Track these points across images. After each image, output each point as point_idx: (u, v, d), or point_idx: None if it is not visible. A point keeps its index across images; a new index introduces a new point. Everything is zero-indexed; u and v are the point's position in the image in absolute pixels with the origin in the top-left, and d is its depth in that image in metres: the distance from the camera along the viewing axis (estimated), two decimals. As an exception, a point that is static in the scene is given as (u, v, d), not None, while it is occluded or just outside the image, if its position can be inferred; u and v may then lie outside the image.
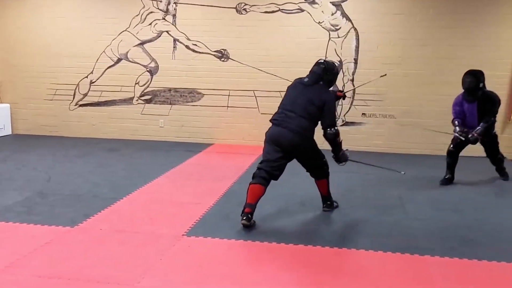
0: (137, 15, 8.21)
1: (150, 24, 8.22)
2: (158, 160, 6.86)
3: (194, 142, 8.27)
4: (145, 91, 8.41)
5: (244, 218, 4.11)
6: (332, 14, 7.77)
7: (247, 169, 6.38)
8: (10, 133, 8.70)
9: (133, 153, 7.30)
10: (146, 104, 8.44)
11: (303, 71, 7.76)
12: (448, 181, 5.86)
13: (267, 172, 4.22)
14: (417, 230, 4.24)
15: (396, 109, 7.82)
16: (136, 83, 8.40)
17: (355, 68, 7.84)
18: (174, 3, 8.11)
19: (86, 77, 8.50)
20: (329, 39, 7.82)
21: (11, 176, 5.70)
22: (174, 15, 8.15)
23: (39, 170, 6.02)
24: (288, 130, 4.22)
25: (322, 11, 7.78)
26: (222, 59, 8.13)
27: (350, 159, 4.65)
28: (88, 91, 8.55)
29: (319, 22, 7.81)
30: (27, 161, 6.53)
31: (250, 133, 8.12)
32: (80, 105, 8.61)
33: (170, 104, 8.38)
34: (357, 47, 7.79)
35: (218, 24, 8.04)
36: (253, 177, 4.28)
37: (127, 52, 8.34)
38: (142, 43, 8.28)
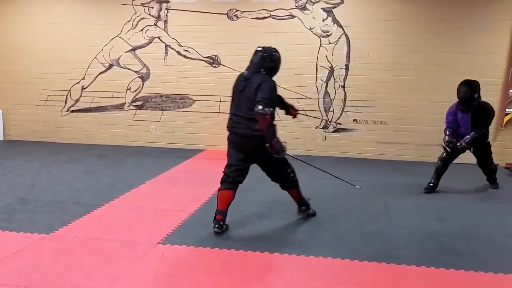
0: (128, 21, 8.22)
1: (142, 30, 8.22)
2: (147, 166, 6.83)
3: (185, 148, 8.24)
4: (136, 97, 8.40)
5: (216, 225, 4.07)
6: (323, 20, 7.75)
7: (234, 175, 6.33)
8: (2, 139, 8.70)
9: (122, 159, 7.27)
10: (138, 110, 8.43)
11: (294, 77, 7.84)
12: (431, 188, 5.76)
13: (232, 178, 4.16)
14: (398, 238, 4.18)
15: (388, 116, 7.76)
16: (127, 89, 8.39)
17: (346, 74, 7.81)
18: (166, 9, 8.11)
19: (78, 83, 8.50)
20: (320, 45, 7.80)
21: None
22: (165, 21, 8.15)
23: (25, 176, 6.00)
24: (239, 136, 4.10)
25: (313, 17, 7.76)
26: (214, 65, 8.11)
27: (303, 160, 4.54)
28: (79, 97, 8.55)
29: (310, 28, 7.78)
30: (14, 167, 6.51)
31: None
32: (72, 111, 8.61)
33: (162, 110, 8.37)
34: (348, 53, 7.75)
35: (209, 30, 8.03)
36: (221, 183, 4.22)
37: (119, 58, 8.34)
38: (134, 49, 8.28)
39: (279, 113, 7.84)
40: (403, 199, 5.46)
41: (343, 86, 7.84)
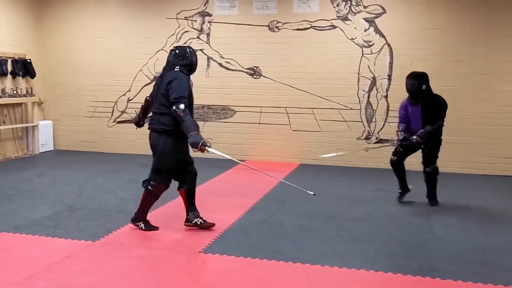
0: (172, 35, 8.43)
1: (185, 43, 8.40)
2: (188, 176, 6.92)
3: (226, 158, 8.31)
4: (179, 108, 8.56)
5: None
6: (365, 30, 7.69)
7: (274, 186, 6.34)
8: (52, 148, 9.06)
9: (165, 169, 7.41)
10: (180, 121, 8.58)
11: (336, 88, 7.81)
12: (401, 195, 5.60)
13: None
14: (442, 252, 4.07)
15: (432, 126, 7.58)
16: (170, 101, 8.57)
17: (389, 84, 7.71)
18: (209, 22, 8.27)
19: (124, 95, 8.77)
20: (362, 55, 7.74)
21: (45, 191, 5.92)
22: (208, 34, 8.32)
23: (73, 184, 6.22)
24: (153, 131, 4.31)
25: (355, 28, 7.72)
26: (255, 76, 8.19)
27: (237, 160, 4.63)
28: (125, 108, 8.81)
29: (352, 38, 7.74)
30: (63, 176, 6.77)
31: (282, 150, 8.10)
32: (118, 122, 8.87)
33: (203, 120, 8.50)
34: (390, 63, 7.66)
35: (250, 42, 8.13)
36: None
37: (163, 70, 8.54)
38: (177, 62, 8.46)
39: (321, 125, 7.90)
40: (446, 211, 5.32)
41: (386, 97, 7.74)
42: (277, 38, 8.01)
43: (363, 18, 7.69)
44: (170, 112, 4.14)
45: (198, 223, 4.45)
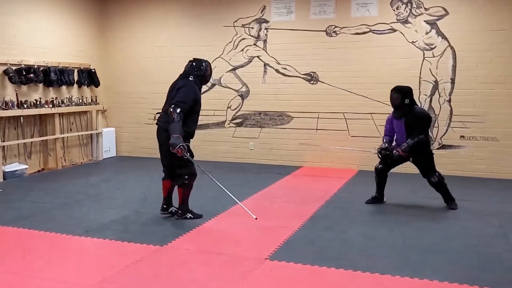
0: (230, 42, 8.54)
1: (242, 50, 8.50)
2: (247, 182, 6.98)
3: (283, 164, 8.32)
4: (236, 114, 8.67)
5: (161, 210, 5.08)
6: (427, 33, 7.48)
7: (335, 192, 6.27)
8: (115, 155, 9.38)
9: (223, 175, 7.48)
10: (237, 127, 8.68)
11: (395, 93, 7.61)
12: (373, 199, 5.69)
13: (166, 172, 5.07)
14: (520, 264, 3.86)
15: (499, 131, 7.26)
16: (228, 107, 8.69)
17: (452, 88, 7.45)
18: (265, 29, 8.32)
19: (182, 102, 8.95)
20: (424, 59, 7.53)
21: (112, 195, 6.12)
22: (265, 41, 8.36)
23: (137, 190, 6.40)
24: (161, 128, 4.78)
25: (416, 30, 7.52)
26: (311, 82, 8.14)
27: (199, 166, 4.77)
28: (184, 115, 8.98)
29: (413, 41, 7.55)
30: (127, 181, 6.99)
31: (340, 156, 7.99)
32: (177, 129, 9.05)
33: (260, 127, 8.54)
34: (454, 66, 7.40)
35: (307, 47, 8.10)
36: None
37: (220, 78, 8.68)
38: (234, 69, 8.57)
39: (380, 130, 7.71)
40: (522, 221, 5.05)
41: (449, 101, 7.48)
42: (335, 43, 7.94)
43: (424, 21, 7.49)
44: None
45: (174, 211, 5.13)
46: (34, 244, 4.29)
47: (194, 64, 4.90)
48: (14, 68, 7.30)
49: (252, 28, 8.39)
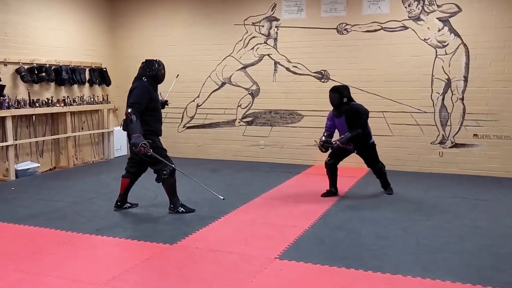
0: (240, 40, 8.52)
1: (252, 48, 8.47)
2: (257, 181, 6.95)
3: (293, 163, 8.27)
4: (246, 113, 8.64)
5: (114, 205, 5.28)
6: (439, 30, 7.39)
7: (346, 191, 6.23)
8: (126, 153, 9.38)
9: (233, 174, 7.49)
10: (248, 126, 8.66)
11: (408, 90, 7.56)
12: (328, 193, 5.93)
13: (126, 168, 5.27)
14: (535, 265, 3.79)
15: (513, 130, 7.15)
16: (238, 106, 8.67)
17: (465, 86, 7.34)
18: (276, 27, 8.28)
19: (193, 101, 8.97)
20: (436, 56, 7.43)
21: (122, 194, 6.12)
22: (275, 39, 8.32)
23: (148, 188, 6.39)
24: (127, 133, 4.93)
25: (428, 28, 7.43)
26: (323, 80, 8.09)
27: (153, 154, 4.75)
28: (194, 114, 9.00)
29: (425, 39, 7.46)
30: (138, 180, 6.97)
31: (351, 155, 7.90)
32: (187, 127, 9.07)
33: (271, 125, 8.51)
34: (467, 64, 7.29)
35: (318, 45, 8.04)
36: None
37: (231, 76, 8.66)
38: (245, 67, 8.55)
39: (392, 129, 7.65)
40: (536, 221, 4.96)
41: (462, 99, 7.37)
42: (346, 41, 7.88)
43: (436, 18, 7.39)
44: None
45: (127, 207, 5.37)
46: (45, 242, 4.30)
47: (145, 65, 5.08)
48: (26, 67, 7.36)
49: (263, 26, 8.35)
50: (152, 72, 5.05)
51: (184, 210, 5.19)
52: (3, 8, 7.12)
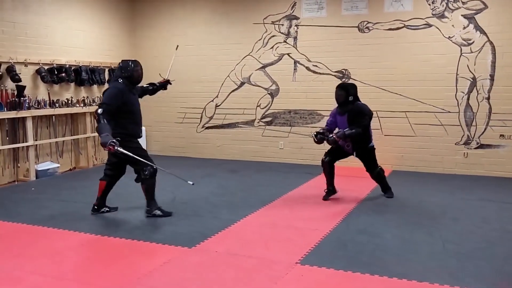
0: (259, 40, 8.42)
1: (272, 47, 8.37)
2: (277, 182, 6.85)
3: (313, 164, 8.11)
4: (266, 113, 8.54)
5: (91, 209, 5.22)
6: (464, 28, 7.18)
7: (367, 194, 6.08)
8: (144, 153, 9.37)
9: (253, 175, 7.40)
10: (267, 126, 8.55)
11: (431, 90, 7.37)
12: (328, 194, 5.78)
13: (104, 171, 5.23)
14: None
15: (542, 130, 6.90)
16: (257, 106, 8.57)
17: (491, 85, 7.12)
18: (296, 25, 8.16)
19: (212, 101, 8.90)
20: (461, 55, 7.22)
21: (141, 195, 6.02)
22: (295, 38, 8.20)
23: (166, 189, 6.33)
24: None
25: (453, 25, 7.22)
26: (343, 79, 7.94)
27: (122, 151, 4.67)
28: (213, 114, 8.93)
29: (449, 37, 7.25)
30: (156, 180, 6.92)
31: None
32: (206, 128, 9.01)
33: (290, 126, 8.39)
34: (493, 62, 7.07)
35: (339, 44, 7.90)
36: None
37: (250, 76, 8.57)
38: (264, 67, 8.45)
39: (415, 129, 7.47)
40: None
41: (488, 98, 7.15)
42: (367, 39, 7.71)
43: (461, 15, 7.18)
44: (113, 118, 4.80)
45: (105, 211, 5.28)
46: (64, 245, 4.27)
47: (121, 65, 5.03)
48: (46, 67, 7.38)
49: (282, 25, 8.24)
50: (127, 73, 4.98)
51: (160, 214, 5.06)
52: (23, 8, 7.15)
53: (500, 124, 7.14)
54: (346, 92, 5.56)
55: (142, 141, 9.15)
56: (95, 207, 5.25)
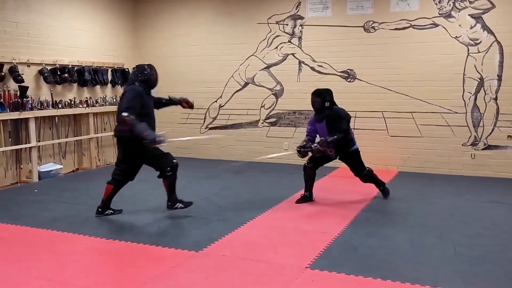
0: (264, 40, 8.35)
1: (276, 47, 8.29)
2: (283, 183, 6.78)
3: (318, 165, 8.05)
4: (270, 114, 8.47)
5: (96, 212, 5.11)
6: (471, 28, 7.10)
7: (375, 195, 5.99)
8: (147, 154, 9.30)
9: (258, 176, 7.33)
10: (271, 127, 8.48)
11: (438, 90, 7.29)
12: (303, 199, 5.67)
13: (112, 175, 5.11)
14: None
15: (551, 131, 6.83)
16: (261, 106, 8.50)
17: (499, 85, 7.04)
18: (300, 25, 8.09)
19: (216, 101, 8.83)
20: (468, 55, 7.14)
21: (146, 197, 6.03)
22: (300, 38, 8.13)
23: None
24: (115, 137, 5.05)
25: (460, 25, 7.15)
26: (349, 80, 7.87)
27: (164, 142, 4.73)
28: (217, 115, 8.86)
29: (456, 36, 7.18)
30: (160, 182, 6.83)
31: (378, 156, 7.67)
32: (210, 128, 8.94)
33: (295, 126, 8.32)
34: (501, 62, 6.99)
35: (344, 44, 7.82)
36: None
37: (254, 76, 8.49)
38: (268, 67, 8.38)
39: (421, 130, 7.40)
40: None
41: (495, 99, 7.07)
42: (373, 39, 7.63)
43: (468, 15, 7.10)
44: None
45: (110, 213, 5.20)
46: (68, 248, 4.20)
47: (136, 70, 5.00)
48: (49, 68, 7.32)
49: (287, 24, 8.16)
50: (144, 77, 4.95)
51: (182, 206, 5.11)
52: (25, 8, 7.08)
53: (508, 124, 7.06)
54: (322, 99, 5.52)
55: (145, 142, 9.16)
56: (100, 209, 5.17)
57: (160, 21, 9.08)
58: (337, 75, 7.93)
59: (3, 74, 6.65)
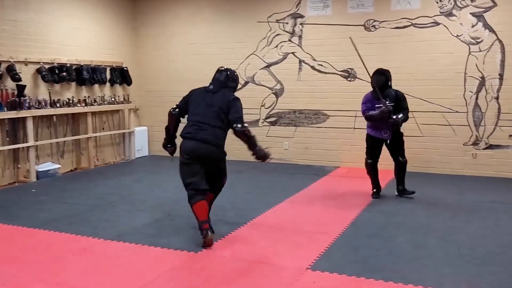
0: (264, 38, 8.29)
1: (276, 46, 8.24)
2: (282, 183, 6.72)
3: (319, 165, 8.01)
4: (270, 113, 8.41)
5: (207, 235, 4.06)
6: (473, 26, 7.05)
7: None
8: (147, 154, 9.27)
9: (258, 176, 7.28)
10: (271, 126, 8.42)
11: (439, 89, 7.23)
12: (377, 194, 5.80)
13: (200, 190, 4.25)
14: None
15: (553, 130, 6.78)
16: (261, 106, 8.44)
17: (500, 84, 6.99)
18: (301, 24, 8.03)
19: (215, 100, 8.75)
20: (469, 54, 7.09)
21: (144, 197, 5.97)
22: (300, 36, 8.07)
23: (169, 191, 6.22)
24: (204, 142, 4.23)
25: (461, 23, 7.09)
26: (349, 79, 7.81)
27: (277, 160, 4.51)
28: (216, 114, 8.78)
29: (457, 35, 7.12)
30: (159, 181, 6.83)
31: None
32: (209, 128, 8.86)
33: (295, 126, 8.26)
34: (502, 61, 6.94)
35: (345, 42, 7.70)
36: (190, 199, 4.27)
37: (254, 75, 8.43)
38: (268, 66, 8.32)
39: (422, 129, 7.35)
40: None
41: (497, 98, 7.02)
42: (374, 38, 7.58)
43: (470, 13, 7.05)
44: (224, 128, 4.33)
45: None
46: (65, 249, 4.14)
47: (229, 74, 4.47)
48: (47, 66, 7.25)
49: (287, 23, 8.10)
50: (235, 84, 4.54)
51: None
52: (24, 7, 7.01)
53: (509, 124, 7.01)
54: (386, 77, 5.60)
55: (143, 141, 9.13)
56: (212, 227, 4.29)
57: (160, 20, 9.01)
58: (338, 74, 7.88)
59: (0, 72, 6.59)
